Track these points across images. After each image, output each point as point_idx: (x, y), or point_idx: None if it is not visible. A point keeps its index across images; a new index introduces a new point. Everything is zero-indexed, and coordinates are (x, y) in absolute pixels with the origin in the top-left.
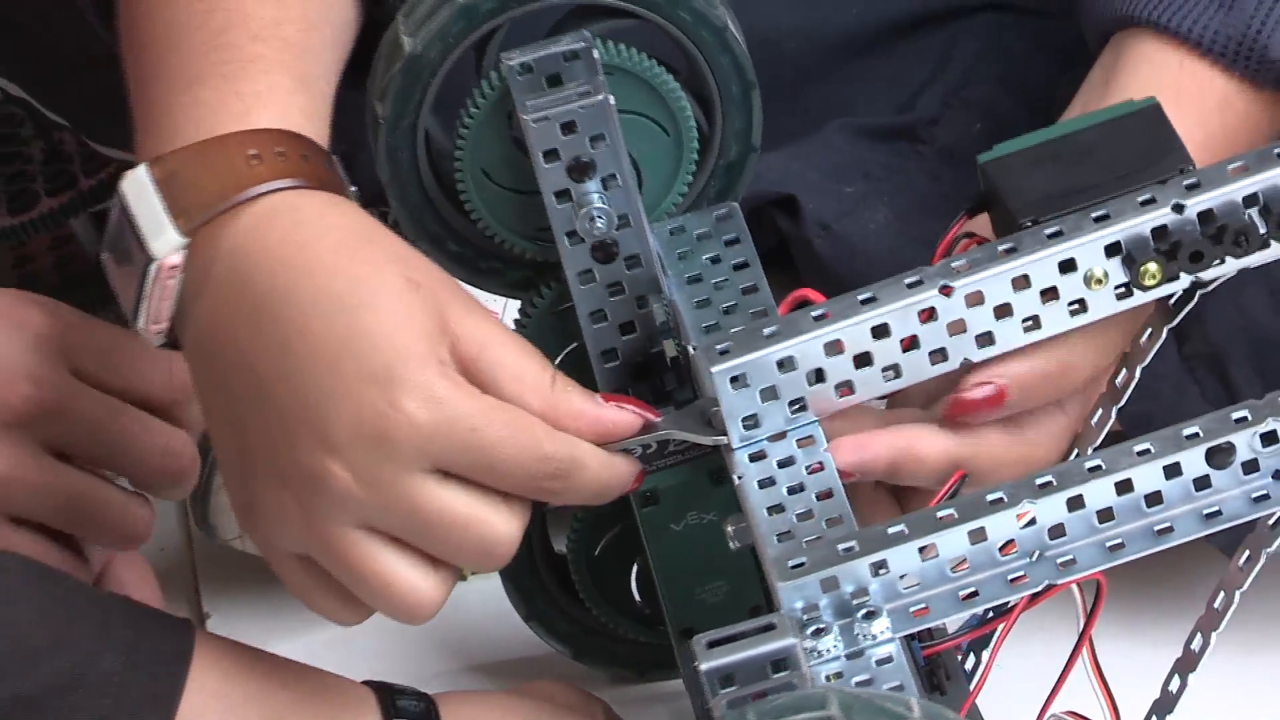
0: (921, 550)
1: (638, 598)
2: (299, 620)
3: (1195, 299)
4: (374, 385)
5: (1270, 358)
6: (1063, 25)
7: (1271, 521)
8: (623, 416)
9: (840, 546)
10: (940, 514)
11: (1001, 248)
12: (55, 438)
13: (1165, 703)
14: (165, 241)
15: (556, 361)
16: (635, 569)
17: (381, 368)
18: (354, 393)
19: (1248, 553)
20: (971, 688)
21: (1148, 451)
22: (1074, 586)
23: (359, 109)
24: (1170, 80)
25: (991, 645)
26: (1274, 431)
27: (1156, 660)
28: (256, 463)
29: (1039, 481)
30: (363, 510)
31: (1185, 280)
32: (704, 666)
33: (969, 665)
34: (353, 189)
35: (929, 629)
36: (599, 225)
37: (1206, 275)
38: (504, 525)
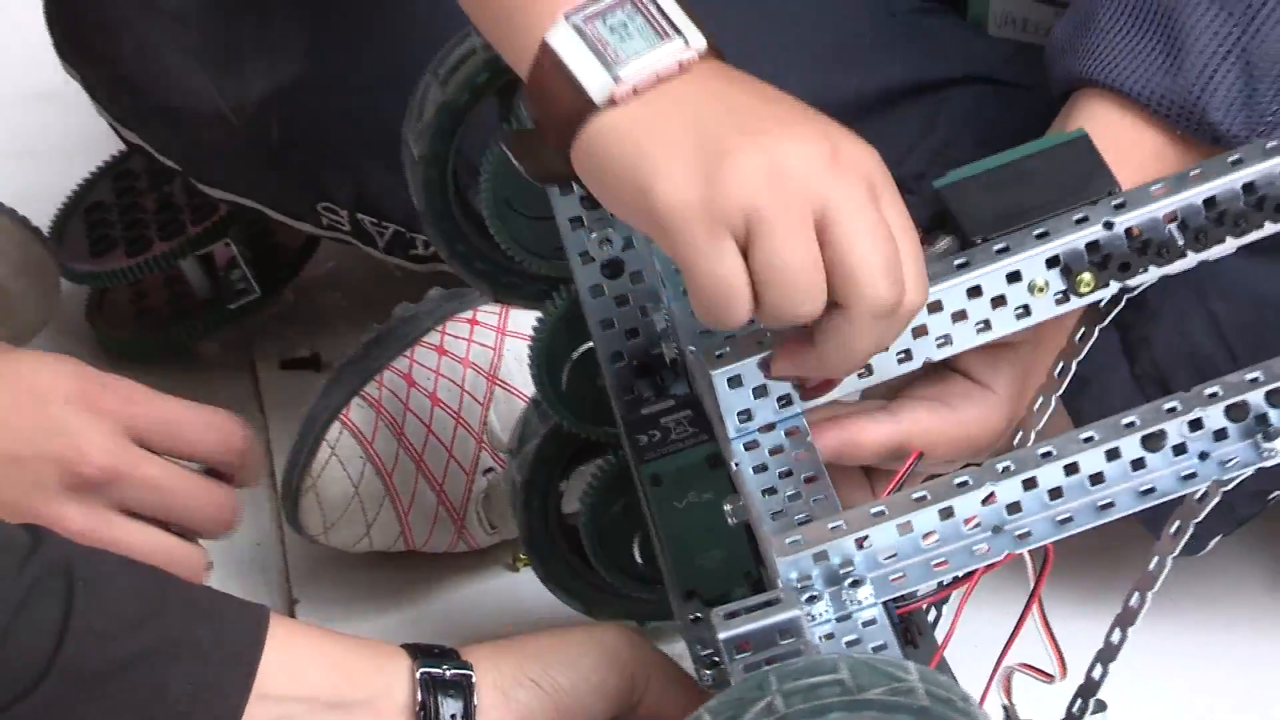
0: (899, 527)
1: (639, 561)
2: (373, 605)
3: (1123, 302)
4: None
5: (1209, 377)
6: (1032, 96)
7: (1198, 496)
8: None
9: (829, 525)
10: (915, 496)
11: (956, 262)
12: (123, 499)
13: (1108, 652)
14: (698, 41)
15: (571, 359)
16: (638, 538)
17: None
18: (833, 125)
19: (1178, 523)
20: (940, 641)
21: (1091, 439)
22: (1025, 554)
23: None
24: (1113, 133)
25: (956, 604)
26: (1200, 419)
27: (1102, 621)
28: (749, 138)
29: (999, 466)
30: (852, 172)
31: (1114, 287)
32: (722, 635)
33: (933, 620)
34: None
35: (908, 593)
36: (609, 246)
37: (1133, 282)
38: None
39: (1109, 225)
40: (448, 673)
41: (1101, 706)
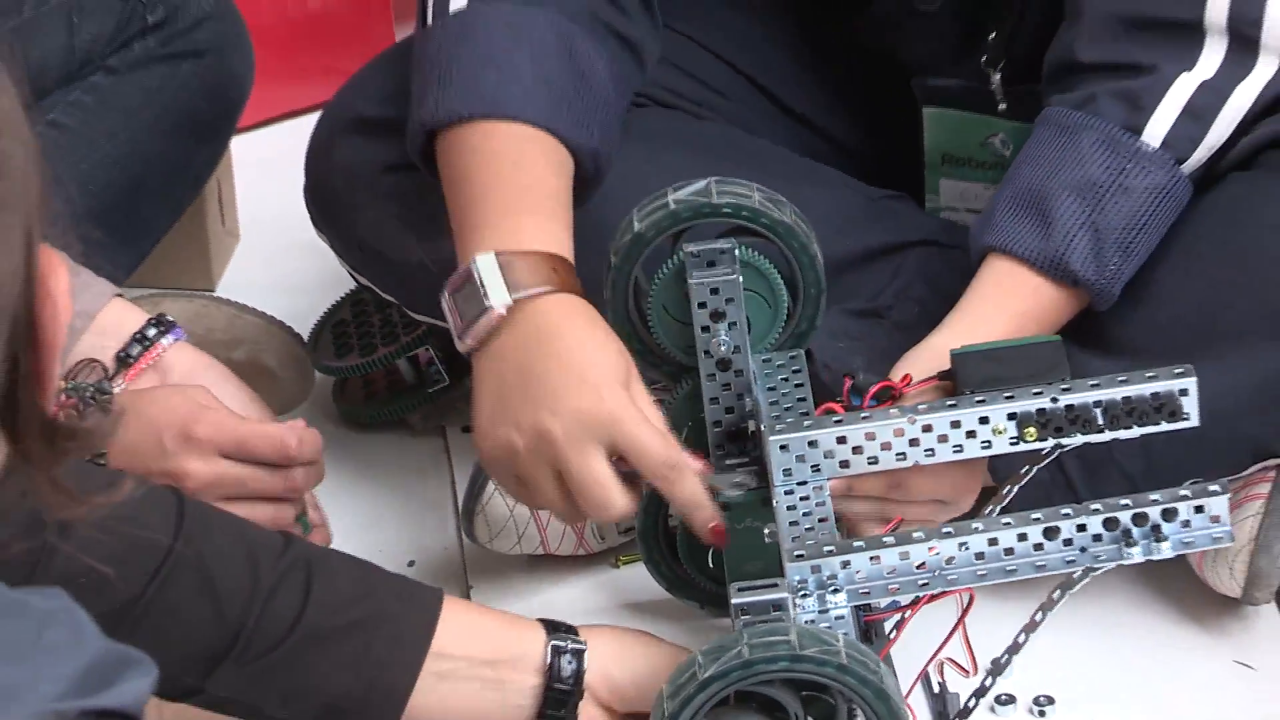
0: (870, 558)
1: (712, 565)
2: (522, 588)
3: (1056, 454)
4: (587, 390)
5: (1088, 446)
6: (964, 254)
7: (1077, 574)
8: (691, 460)
9: (824, 548)
10: (885, 540)
11: (948, 403)
12: (219, 494)
13: (1014, 647)
14: (501, 299)
15: (686, 429)
16: (712, 549)
17: (593, 383)
18: (576, 391)
19: (1059, 591)
20: (887, 641)
21: (1009, 523)
22: (958, 595)
23: None
24: (1005, 281)
25: (901, 620)
26: (1085, 524)
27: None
28: (508, 414)
29: (943, 530)
30: (556, 453)
31: (1051, 442)
32: (734, 601)
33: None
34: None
35: (869, 605)
36: (723, 349)
37: (1065, 441)
38: (618, 495)
39: (1054, 400)
40: (569, 645)
41: (1007, 664)
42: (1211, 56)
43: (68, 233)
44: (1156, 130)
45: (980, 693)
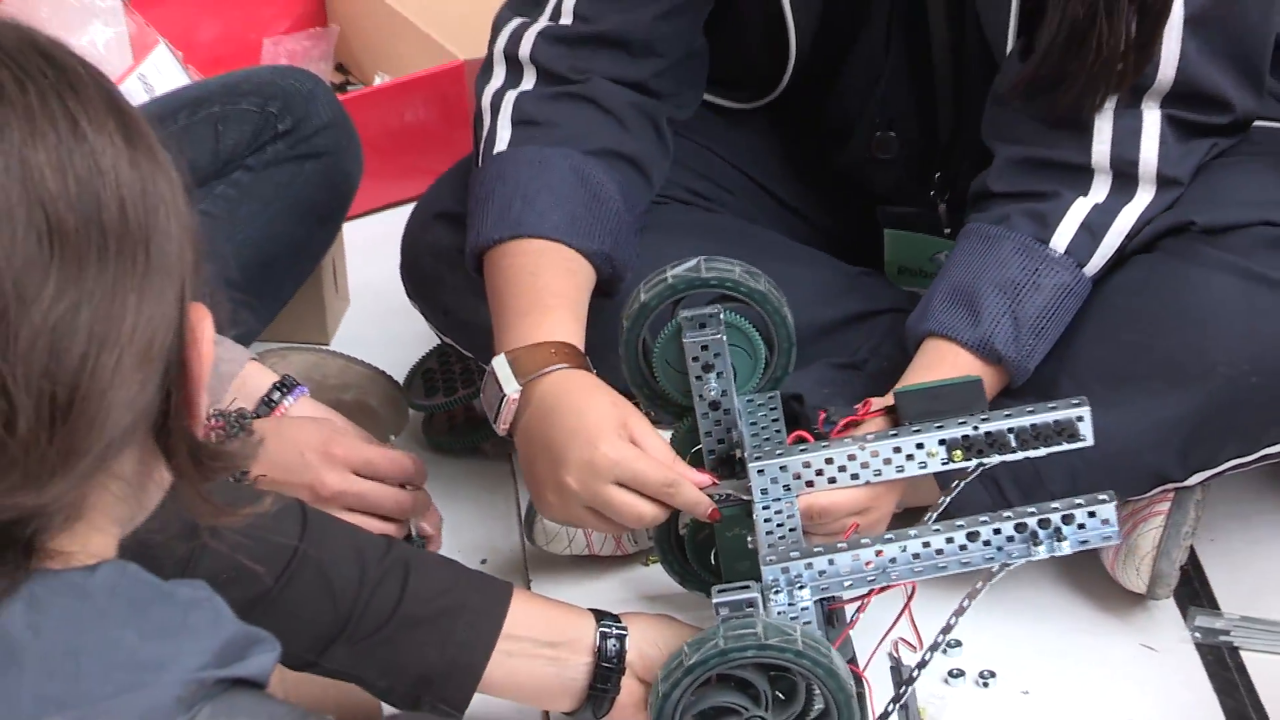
0: (828, 559)
1: (713, 563)
2: (570, 581)
3: (979, 471)
4: (586, 444)
5: (1022, 474)
6: None
7: (995, 569)
8: (698, 475)
9: (791, 553)
10: (839, 545)
11: (891, 433)
12: (345, 505)
13: (947, 629)
14: (512, 388)
15: (688, 456)
16: (714, 551)
17: (589, 437)
18: (577, 447)
19: (981, 582)
20: (846, 626)
21: (939, 529)
22: (904, 586)
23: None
24: (943, 359)
25: (858, 608)
26: (999, 528)
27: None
28: (541, 478)
29: (886, 537)
30: (579, 498)
31: (974, 462)
32: (714, 600)
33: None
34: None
35: (832, 596)
36: (712, 394)
37: (986, 461)
38: (646, 507)
39: (975, 428)
40: (614, 630)
41: (957, 643)
42: (1100, 187)
43: (218, 294)
44: (1060, 241)
45: (921, 665)
